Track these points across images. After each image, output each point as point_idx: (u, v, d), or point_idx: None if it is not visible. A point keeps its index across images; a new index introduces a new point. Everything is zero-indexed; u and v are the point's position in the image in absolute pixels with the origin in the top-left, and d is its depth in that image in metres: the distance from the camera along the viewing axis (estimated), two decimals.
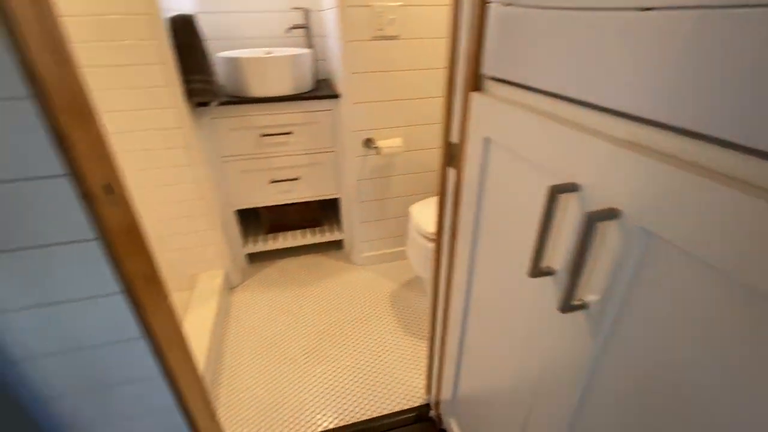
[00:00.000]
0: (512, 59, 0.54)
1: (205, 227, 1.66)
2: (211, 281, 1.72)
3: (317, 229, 2.10)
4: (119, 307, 0.70)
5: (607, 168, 0.39)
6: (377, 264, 2.00)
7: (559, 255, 0.49)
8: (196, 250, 1.71)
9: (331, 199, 1.98)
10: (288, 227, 2.09)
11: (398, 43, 1.51)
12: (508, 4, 0.52)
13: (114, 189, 0.65)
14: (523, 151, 0.55)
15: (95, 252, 0.64)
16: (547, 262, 0.51)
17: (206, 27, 1.86)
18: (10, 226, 0.59)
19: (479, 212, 0.70)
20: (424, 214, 1.46)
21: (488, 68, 0.62)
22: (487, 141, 0.64)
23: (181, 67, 1.39)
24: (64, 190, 0.58)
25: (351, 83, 1.54)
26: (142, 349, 0.76)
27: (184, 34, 1.36)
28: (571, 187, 0.44)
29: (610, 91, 0.39)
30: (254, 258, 2.06)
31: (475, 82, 0.66)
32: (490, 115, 0.62)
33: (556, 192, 0.44)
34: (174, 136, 1.45)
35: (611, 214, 0.38)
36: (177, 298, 1.74)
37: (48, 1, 0.54)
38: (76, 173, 0.58)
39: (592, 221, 0.38)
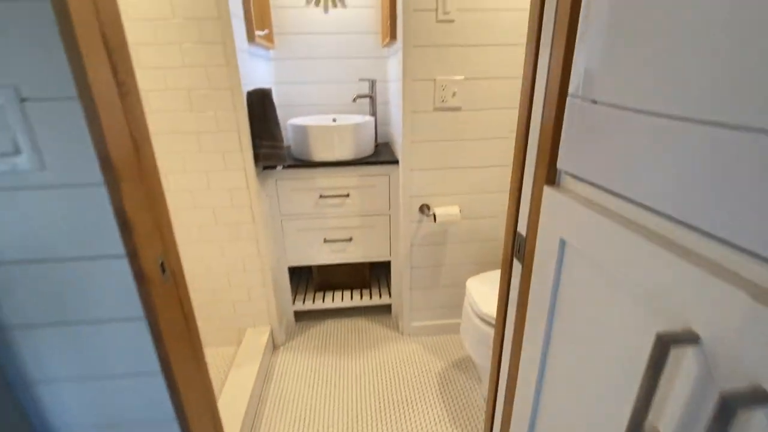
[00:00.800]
0: (596, 160, 0.47)
1: (258, 283, 1.68)
2: (258, 338, 1.70)
3: (366, 291, 2.04)
4: (157, 385, 0.67)
5: (747, 325, 0.29)
6: (426, 336, 1.87)
7: (667, 417, 0.37)
8: (247, 305, 1.72)
9: (381, 262, 1.93)
10: (337, 286, 2.06)
11: (460, 114, 1.51)
12: (594, 102, 0.46)
13: (166, 267, 0.65)
14: (611, 268, 0.45)
15: (142, 330, 0.63)
16: (651, 420, 0.39)
17: (280, 95, 2.04)
18: (70, 300, 0.60)
19: (552, 324, 0.59)
20: (482, 292, 1.34)
21: (565, 164, 0.55)
22: (563, 243, 0.56)
23: (253, 134, 1.50)
24: (122, 270, 0.59)
25: (411, 151, 1.54)
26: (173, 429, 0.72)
27: (260, 105, 1.48)
28: (688, 338, 0.34)
29: (733, 222, 0.30)
30: (301, 316, 2.03)
31: (549, 176, 0.59)
32: (567, 215, 0.54)
33: (667, 342, 0.34)
34: (241, 196, 1.53)
35: (763, 398, 0.27)
36: (224, 353, 1.74)
37: (136, 95, 0.59)
38: (134, 254, 0.59)
39: (731, 406, 0.28)
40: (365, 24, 1.96)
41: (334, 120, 1.99)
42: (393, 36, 1.57)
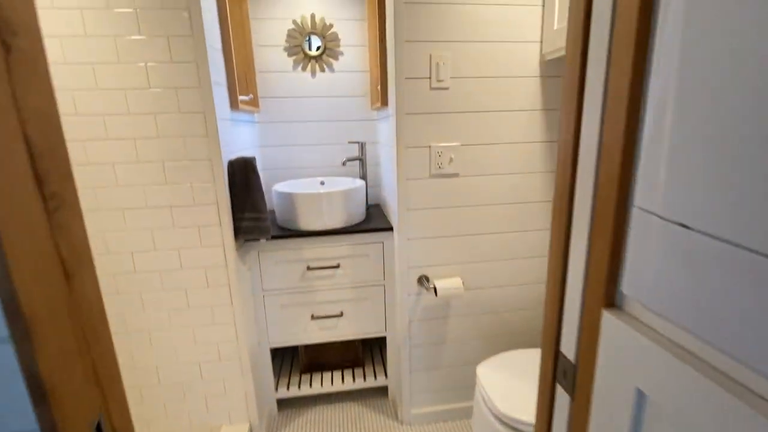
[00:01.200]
0: (688, 298, 0.35)
1: (235, 372, 1.46)
2: None
3: (359, 371, 1.82)
4: None
5: None
6: (430, 424, 1.64)
7: None
8: (222, 398, 1.49)
9: (375, 338, 1.74)
10: (326, 367, 1.84)
11: (457, 181, 1.42)
12: (685, 227, 0.35)
13: (105, 430, 0.48)
14: None
15: None
16: None
17: (265, 159, 1.94)
18: None
19: None
20: (496, 384, 1.17)
21: (633, 289, 0.43)
22: (640, 395, 0.42)
23: (235, 206, 1.37)
24: None
25: (407, 219, 1.43)
26: None
27: (243, 175, 1.36)
28: None
29: None
30: (285, 404, 1.78)
31: (608, 296, 0.47)
32: (647, 361, 0.40)
33: None
34: (217, 275, 1.36)
35: None
36: None
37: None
38: (52, 427, 0.41)
39: None
40: (354, 87, 1.93)
41: (323, 183, 1.89)
42: (384, 102, 1.52)
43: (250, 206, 1.38)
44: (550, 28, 1.28)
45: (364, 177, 1.94)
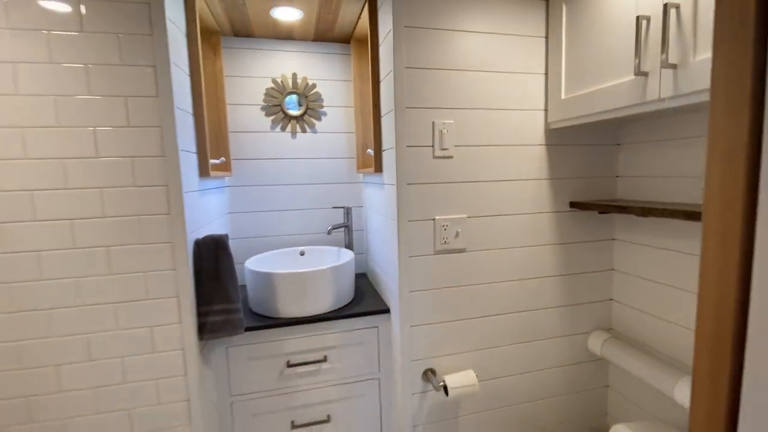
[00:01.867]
0: None
1: None
2: None
3: None
4: None
5: None
6: None
7: None
8: None
9: None
10: None
11: (464, 257, 1.26)
12: None
13: None
14: None
15: None
16: None
17: (236, 227, 1.69)
18: None
19: None
20: None
21: None
22: None
23: (200, 297, 1.10)
24: None
25: (408, 302, 1.22)
26: None
27: (211, 259, 1.11)
28: None
29: None
30: None
31: None
32: None
33: None
34: (174, 388, 1.06)
35: None
36: None
37: None
38: None
39: None
40: (338, 149, 1.78)
41: (302, 254, 1.66)
42: (378, 168, 1.36)
43: (219, 296, 1.12)
44: (556, 98, 1.22)
45: (350, 245, 1.73)
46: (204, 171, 1.21)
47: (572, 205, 1.33)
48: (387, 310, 1.35)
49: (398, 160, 1.17)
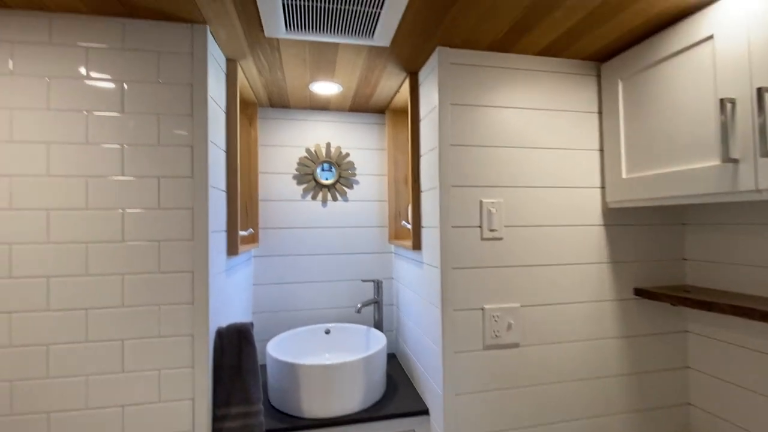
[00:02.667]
0: None
1: None
2: None
3: None
4: None
5: None
6: None
7: None
8: None
9: None
10: None
11: (518, 353, 1.09)
12: None
13: None
14: None
15: None
16: None
17: (261, 299, 1.58)
18: None
19: None
20: None
21: None
22: None
23: (217, 396, 0.96)
24: None
25: (455, 407, 1.05)
26: None
27: (234, 352, 0.99)
28: None
29: None
30: None
31: None
32: None
33: None
34: None
35: None
36: None
37: None
38: None
39: None
40: (369, 218, 1.70)
41: (328, 332, 1.52)
42: (416, 246, 1.26)
43: (239, 396, 0.98)
44: (615, 176, 1.12)
45: (379, 324, 1.58)
46: (233, 249, 1.13)
47: (637, 292, 1.17)
48: (425, 411, 1.17)
49: (443, 241, 1.06)
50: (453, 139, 1.08)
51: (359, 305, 1.46)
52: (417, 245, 1.26)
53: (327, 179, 1.66)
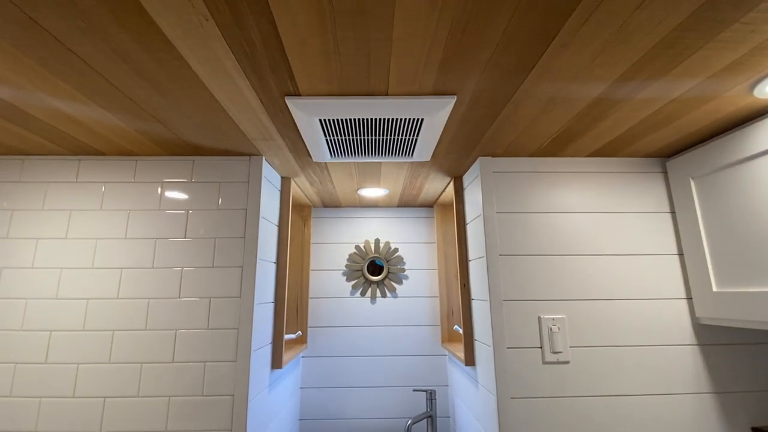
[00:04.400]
0: None
1: None
2: None
3: None
4: None
5: None
6: None
7: None
8: None
9: None
10: None
11: None
12: None
13: None
14: None
15: None
16: None
17: (306, 404, 1.51)
18: None
19: None
20: None
21: None
22: None
23: None
24: None
25: None
26: None
27: None
28: None
29: None
30: None
31: None
32: None
33: None
34: None
35: None
36: None
37: None
38: None
39: None
40: (420, 315, 1.62)
41: None
42: (469, 362, 1.14)
43: None
44: (704, 288, 0.95)
45: None
46: (277, 363, 1.11)
47: None
48: None
49: (497, 366, 0.95)
50: (502, 248, 1.01)
51: (409, 422, 1.32)
52: (470, 361, 1.14)
53: (377, 275, 1.64)
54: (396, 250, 1.67)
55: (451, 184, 1.29)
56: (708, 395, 0.95)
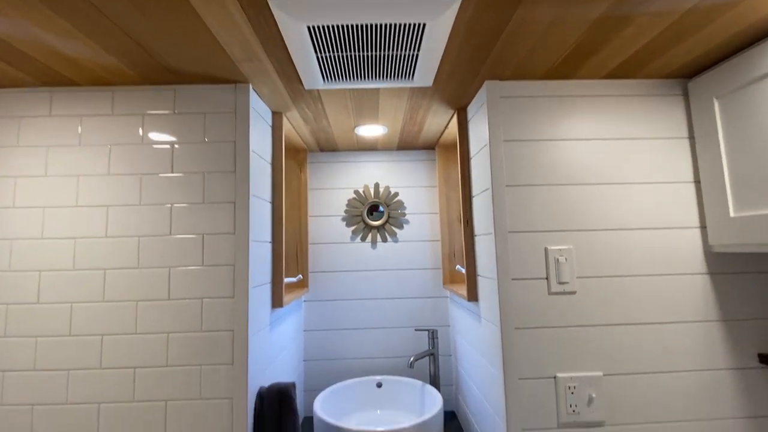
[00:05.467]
0: None
1: None
2: None
3: None
4: None
5: None
6: None
7: None
8: None
9: None
10: None
11: None
12: None
13: None
14: None
15: None
16: None
17: (309, 346, 1.53)
18: None
19: None
20: None
21: None
22: None
23: None
24: None
25: None
26: None
27: (274, 419, 0.93)
28: None
29: None
30: None
31: None
32: None
33: None
34: None
35: None
36: None
37: None
38: None
39: None
40: (422, 259, 1.60)
41: (380, 385, 1.41)
42: (472, 297, 1.13)
43: None
44: (720, 215, 0.90)
45: (435, 380, 1.44)
46: (277, 302, 1.10)
47: (763, 359, 0.91)
48: None
49: (501, 296, 0.92)
50: (509, 179, 0.96)
51: (411, 358, 1.33)
52: (473, 296, 1.12)
53: (376, 220, 1.60)
54: (396, 194, 1.62)
55: (455, 118, 1.21)
56: (716, 323, 0.93)
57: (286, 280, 1.26)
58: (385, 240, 1.61)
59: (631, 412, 0.90)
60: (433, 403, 1.25)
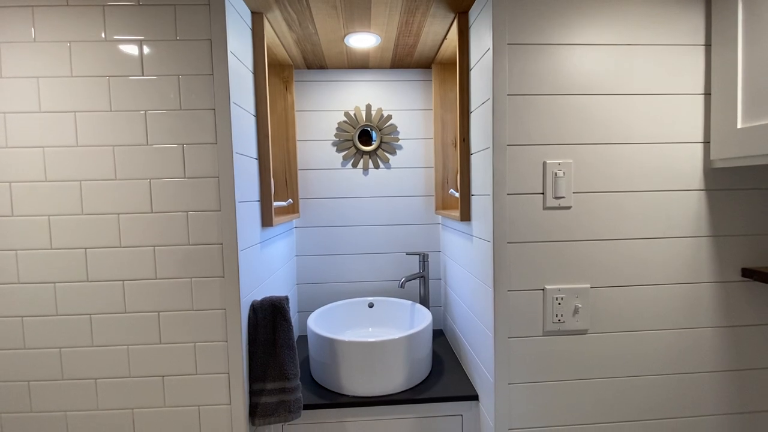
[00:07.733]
0: None
1: None
2: None
3: None
4: None
5: None
6: None
7: None
8: None
9: None
10: None
11: (588, 341, 0.93)
12: None
13: None
14: None
15: None
16: None
17: (302, 270, 1.55)
18: None
19: None
20: None
21: None
22: None
23: (252, 371, 0.94)
24: None
25: (506, 398, 0.93)
26: None
27: (268, 326, 0.95)
28: None
29: None
30: None
31: None
32: None
33: None
34: None
35: None
36: None
37: None
38: None
39: None
40: (414, 186, 1.57)
41: (371, 305, 1.46)
42: (465, 217, 1.11)
43: (274, 371, 0.94)
44: (727, 126, 0.87)
45: (425, 300, 1.49)
46: (267, 221, 1.07)
47: (746, 273, 0.94)
48: (475, 397, 1.07)
49: (496, 211, 0.91)
50: (511, 87, 0.89)
51: (402, 279, 1.36)
52: (466, 216, 1.11)
53: (368, 145, 1.54)
54: (389, 117, 1.54)
55: (455, 24, 1.10)
56: (706, 238, 0.94)
57: (276, 203, 1.22)
58: (377, 166, 1.56)
59: (613, 321, 0.94)
60: (423, 319, 1.29)
